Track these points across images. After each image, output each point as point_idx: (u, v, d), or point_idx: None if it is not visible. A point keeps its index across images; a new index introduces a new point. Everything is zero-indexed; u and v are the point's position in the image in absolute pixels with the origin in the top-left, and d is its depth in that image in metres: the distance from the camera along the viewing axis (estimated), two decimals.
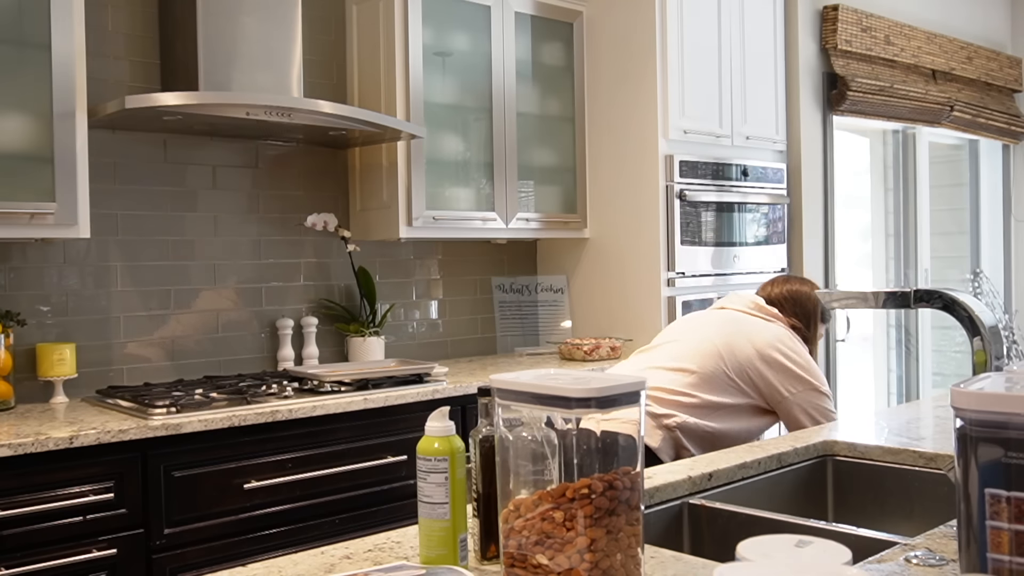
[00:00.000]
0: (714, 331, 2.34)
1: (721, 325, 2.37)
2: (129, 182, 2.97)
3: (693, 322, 2.50)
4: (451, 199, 3.41)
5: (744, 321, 2.37)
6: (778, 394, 2.25)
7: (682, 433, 2.19)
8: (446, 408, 1.23)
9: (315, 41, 3.36)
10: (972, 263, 5.79)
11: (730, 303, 2.49)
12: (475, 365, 3.53)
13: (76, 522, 2.24)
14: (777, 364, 2.26)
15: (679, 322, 2.63)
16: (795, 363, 2.28)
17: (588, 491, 1.00)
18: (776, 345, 2.29)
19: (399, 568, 1.17)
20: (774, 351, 2.27)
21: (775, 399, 2.26)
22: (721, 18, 3.80)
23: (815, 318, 2.48)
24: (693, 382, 2.24)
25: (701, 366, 2.26)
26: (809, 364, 2.32)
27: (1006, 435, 0.93)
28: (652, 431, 2.18)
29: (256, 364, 3.21)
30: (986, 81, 5.43)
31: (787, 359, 2.27)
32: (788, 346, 2.31)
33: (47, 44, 2.49)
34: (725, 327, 2.35)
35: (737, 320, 2.38)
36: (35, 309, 2.77)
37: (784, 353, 2.28)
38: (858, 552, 1.20)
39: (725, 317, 2.41)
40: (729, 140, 3.84)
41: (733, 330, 2.33)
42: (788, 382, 2.26)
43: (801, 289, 2.50)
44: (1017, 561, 0.93)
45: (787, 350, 2.29)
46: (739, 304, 2.45)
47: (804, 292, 2.49)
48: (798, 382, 2.26)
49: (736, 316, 2.40)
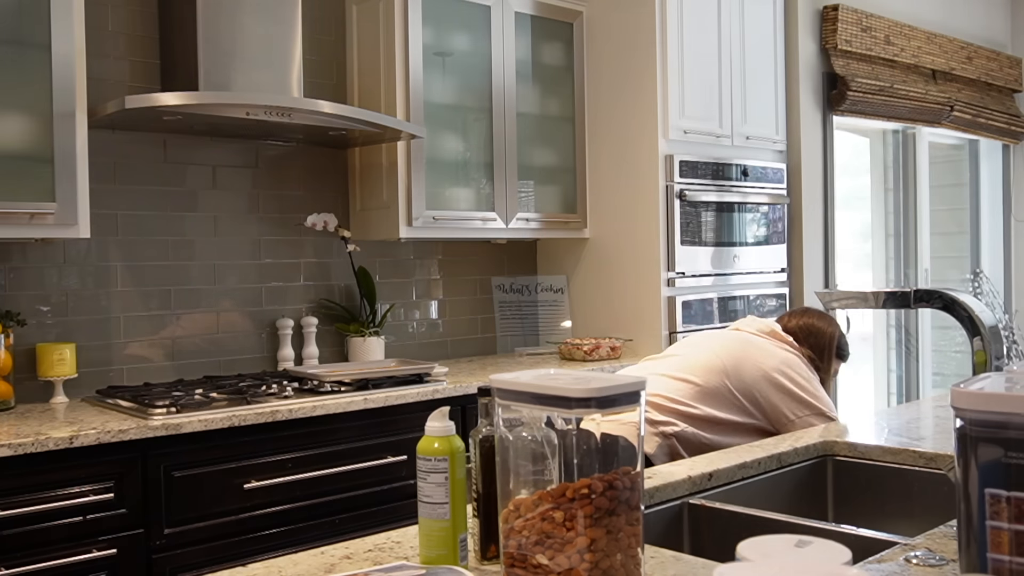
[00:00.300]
0: (723, 348, 2.34)
1: (732, 344, 2.36)
2: (129, 182, 2.97)
3: (705, 339, 2.50)
4: (451, 199, 3.41)
5: (755, 343, 2.36)
6: (784, 417, 2.25)
7: (679, 442, 2.18)
8: (446, 408, 1.23)
9: (315, 41, 3.36)
10: (972, 263, 5.79)
11: (745, 325, 2.49)
12: (475, 365, 3.53)
13: (76, 522, 2.24)
14: (784, 388, 2.26)
15: (692, 337, 2.63)
16: (802, 388, 2.27)
17: (588, 491, 1.00)
18: (783, 369, 2.28)
19: (399, 568, 1.17)
20: (781, 375, 2.27)
21: (781, 422, 2.26)
22: (721, 18, 3.80)
23: (829, 352, 2.46)
24: (695, 394, 2.24)
25: (705, 380, 2.25)
26: (817, 390, 2.31)
27: (1006, 435, 0.93)
28: (649, 437, 2.17)
29: (256, 364, 3.21)
30: (986, 81, 5.43)
31: (793, 383, 2.27)
32: (796, 371, 2.30)
33: (47, 44, 2.48)
34: (735, 346, 2.35)
35: (749, 341, 2.37)
36: (35, 309, 2.77)
37: (791, 377, 2.27)
38: (858, 552, 1.20)
39: (737, 337, 2.42)
40: (729, 140, 3.84)
41: (742, 350, 2.32)
42: (795, 406, 2.25)
43: (818, 324, 2.48)
44: (1017, 561, 0.93)
45: (794, 374, 2.28)
46: (753, 327, 2.45)
47: (820, 327, 2.47)
48: (804, 406, 2.25)
49: (749, 338, 2.40)
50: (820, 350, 2.44)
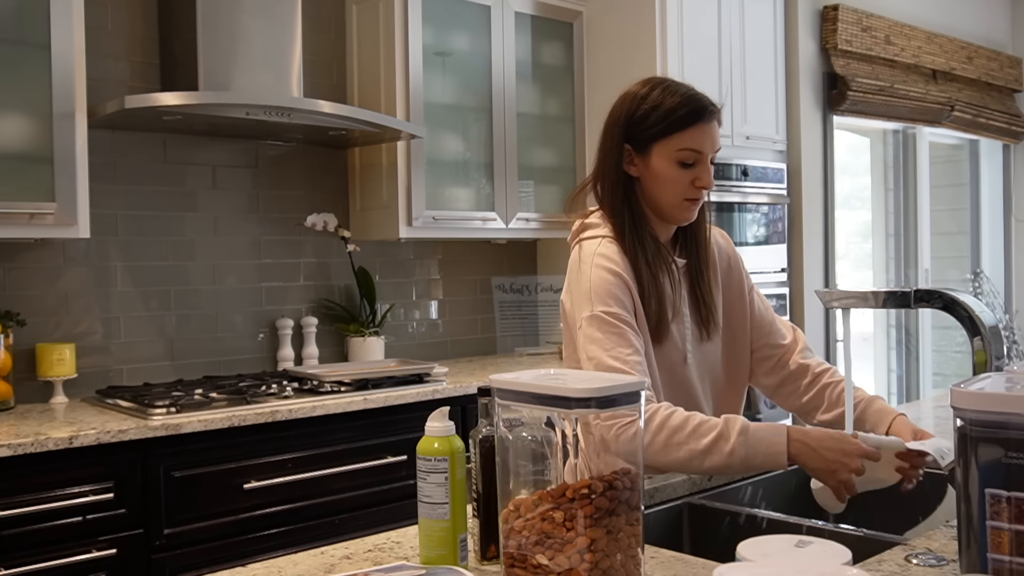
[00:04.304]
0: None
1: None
2: (129, 182, 2.97)
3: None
4: (451, 199, 3.41)
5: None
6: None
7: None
8: (446, 408, 1.23)
9: (315, 41, 3.36)
10: (972, 263, 5.79)
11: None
12: (475, 365, 3.52)
13: (76, 522, 2.24)
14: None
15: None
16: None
17: (588, 491, 1.00)
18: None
19: (399, 568, 1.17)
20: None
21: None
22: (721, 18, 3.80)
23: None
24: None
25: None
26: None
27: (1006, 435, 0.93)
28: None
29: (256, 364, 3.21)
30: (986, 81, 5.42)
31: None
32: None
33: (47, 44, 2.48)
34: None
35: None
36: (35, 309, 2.77)
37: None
38: (858, 552, 1.20)
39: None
40: (729, 140, 3.83)
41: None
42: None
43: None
44: (1017, 561, 0.93)
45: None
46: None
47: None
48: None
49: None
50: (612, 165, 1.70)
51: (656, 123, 1.62)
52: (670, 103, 1.61)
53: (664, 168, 1.63)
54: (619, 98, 1.72)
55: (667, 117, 1.61)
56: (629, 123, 1.66)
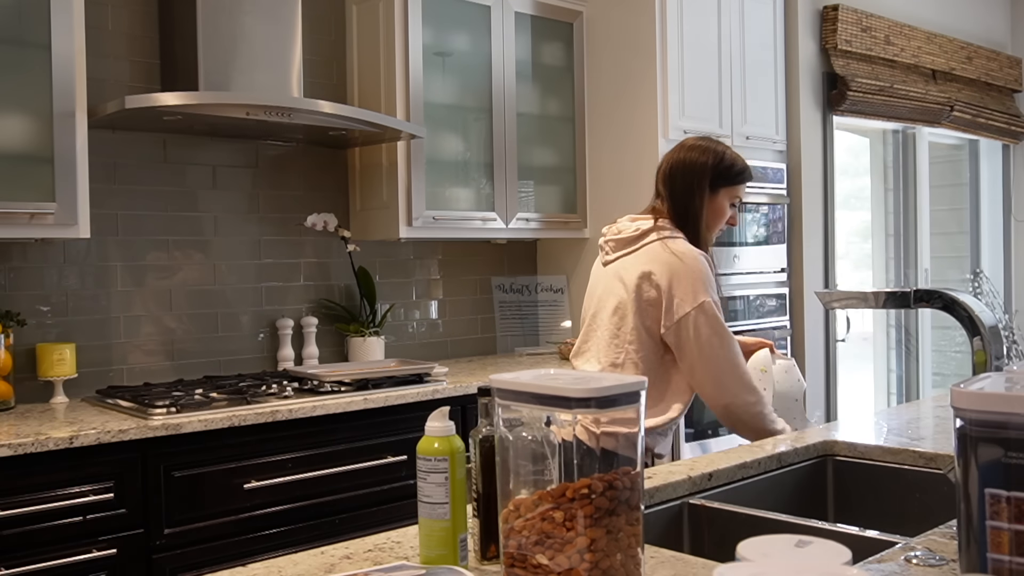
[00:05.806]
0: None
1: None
2: (129, 182, 2.97)
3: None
4: (451, 199, 3.41)
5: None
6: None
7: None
8: (446, 408, 1.23)
9: (315, 41, 3.36)
10: (972, 263, 5.79)
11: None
12: (475, 365, 3.53)
13: (76, 522, 2.24)
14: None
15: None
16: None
17: (588, 491, 1.00)
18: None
19: (399, 568, 1.17)
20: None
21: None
22: (721, 18, 3.80)
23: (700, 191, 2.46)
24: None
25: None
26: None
27: (1006, 435, 0.93)
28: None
29: (256, 364, 3.21)
30: (986, 81, 5.43)
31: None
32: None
33: (47, 44, 2.48)
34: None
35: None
36: (35, 309, 2.77)
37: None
38: (858, 552, 1.20)
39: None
40: (729, 140, 3.83)
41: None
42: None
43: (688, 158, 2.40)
44: (1017, 561, 0.93)
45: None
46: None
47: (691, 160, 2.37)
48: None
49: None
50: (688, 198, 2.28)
51: (731, 175, 2.25)
52: (740, 165, 2.26)
53: (722, 205, 2.27)
54: (694, 150, 2.26)
55: (736, 173, 2.25)
56: (716, 170, 2.24)
